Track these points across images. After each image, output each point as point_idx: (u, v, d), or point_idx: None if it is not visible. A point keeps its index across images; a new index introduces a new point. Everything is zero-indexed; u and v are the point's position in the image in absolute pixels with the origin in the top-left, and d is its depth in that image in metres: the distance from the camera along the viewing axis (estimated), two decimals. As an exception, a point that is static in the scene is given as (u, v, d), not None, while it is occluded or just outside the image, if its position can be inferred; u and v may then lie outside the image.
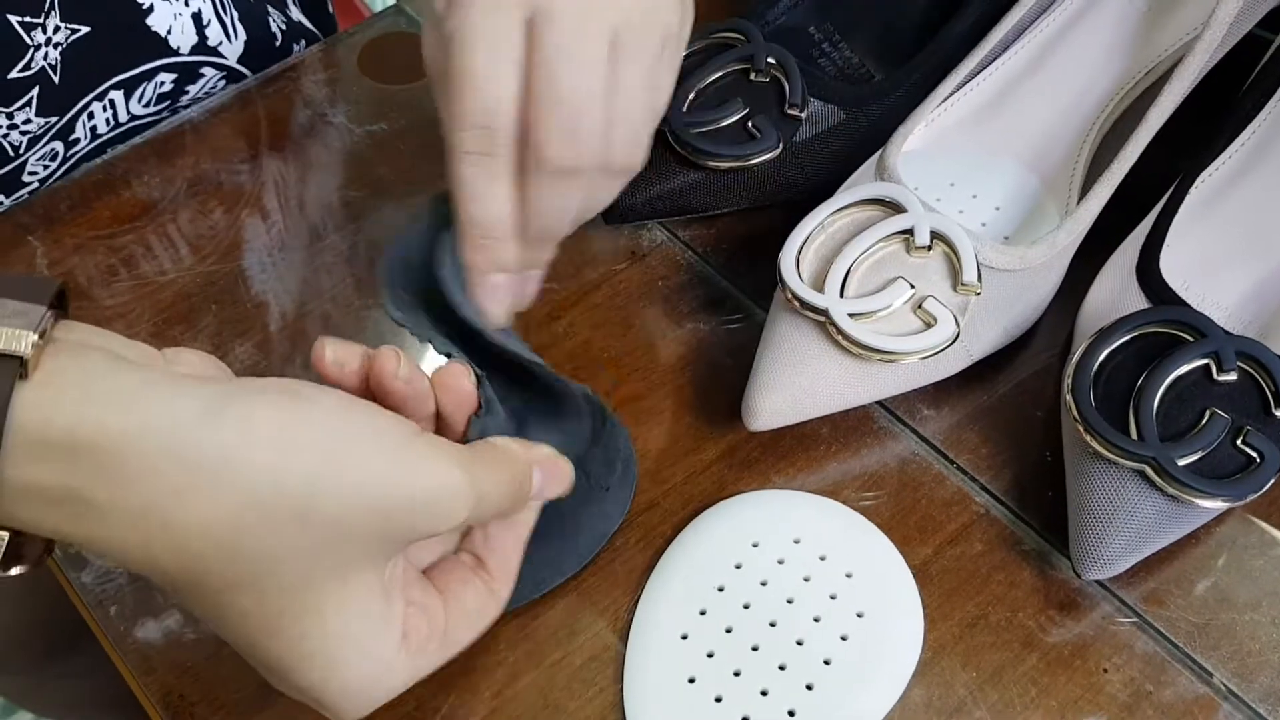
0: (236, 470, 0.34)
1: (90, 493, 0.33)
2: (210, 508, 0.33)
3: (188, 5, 0.63)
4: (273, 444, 0.34)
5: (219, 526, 0.34)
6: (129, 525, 0.33)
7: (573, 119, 0.40)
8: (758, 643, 0.45)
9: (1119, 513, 0.45)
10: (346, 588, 0.36)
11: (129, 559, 0.34)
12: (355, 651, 0.37)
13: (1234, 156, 0.54)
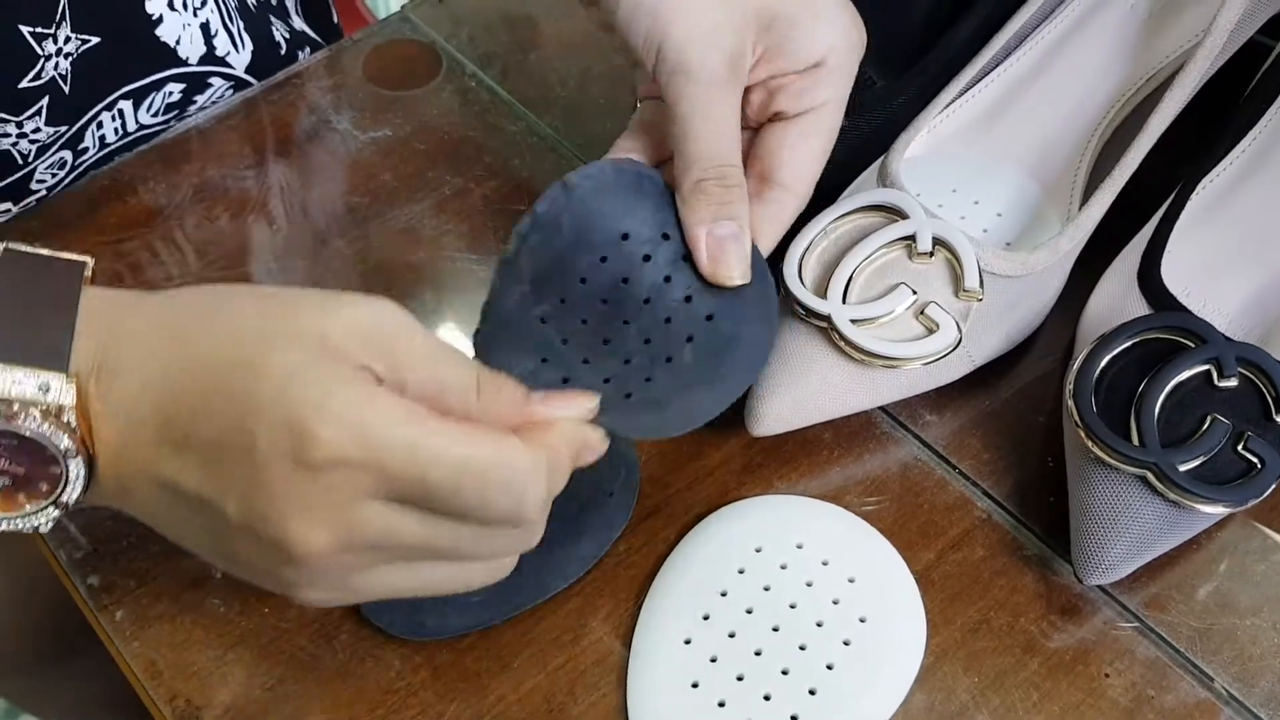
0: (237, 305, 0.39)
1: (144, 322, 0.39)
2: (219, 322, 0.38)
3: (196, 16, 0.63)
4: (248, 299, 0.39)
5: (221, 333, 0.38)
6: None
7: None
8: (761, 647, 0.45)
9: (1120, 518, 0.45)
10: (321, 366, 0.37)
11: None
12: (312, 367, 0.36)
13: (1235, 163, 0.55)
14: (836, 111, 0.47)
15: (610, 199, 0.45)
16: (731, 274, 0.45)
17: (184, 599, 0.48)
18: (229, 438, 0.37)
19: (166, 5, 0.62)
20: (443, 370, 0.38)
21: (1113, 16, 0.59)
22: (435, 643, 0.47)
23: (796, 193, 0.47)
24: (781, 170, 0.46)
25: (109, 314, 0.39)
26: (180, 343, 0.38)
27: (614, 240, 0.45)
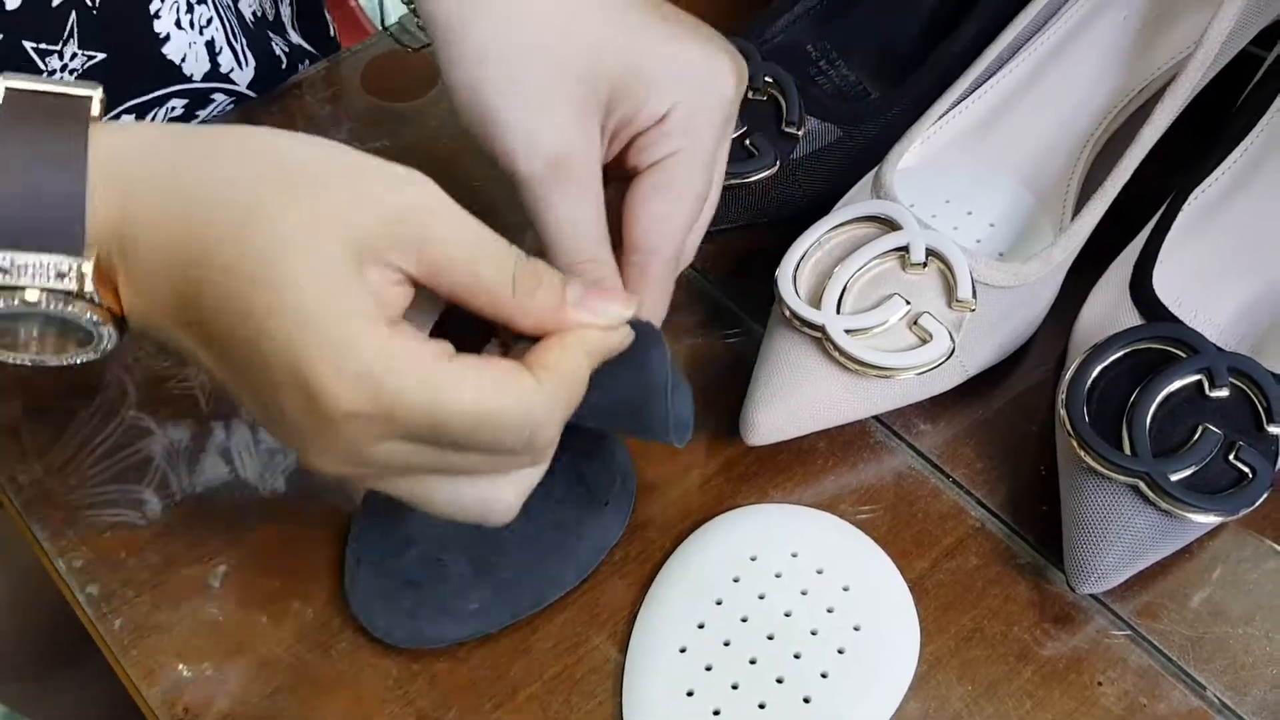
0: (247, 147, 0.38)
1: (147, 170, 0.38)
2: (223, 168, 0.37)
3: (202, 34, 0.64)
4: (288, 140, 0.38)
5: (222, 176, 0.37)
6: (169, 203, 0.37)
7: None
8: (756, 656, 0.46)
9: (1113, 527, 0.46)
10: (316, 259, 0.36)
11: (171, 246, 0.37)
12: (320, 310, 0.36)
13: (1227, 173, 0.55)
14: (689, 163, 0.45)
15: None
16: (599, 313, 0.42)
17: (182, 608, 0.48)
18: (245, 357, 0.37)
19: (174, 24, 0.62)
20: (479, 266, 0.38)
21: (1105, 28, 0.60)
22: (432, 652, 0.47)
23: (652, 249, 0.45)
24: (632, 230, 0.45)
25: (122, 172, 0.37)
26: (194, 229, 0.37)
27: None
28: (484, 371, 0.38)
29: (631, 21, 0.44)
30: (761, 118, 0.57)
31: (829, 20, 0.63)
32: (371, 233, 0.37)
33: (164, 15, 0.61)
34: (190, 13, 0.63)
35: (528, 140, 0.43)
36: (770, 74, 0.57)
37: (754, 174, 0.55)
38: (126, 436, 0.53)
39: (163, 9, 0.61)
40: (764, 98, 0.57)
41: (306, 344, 0.36)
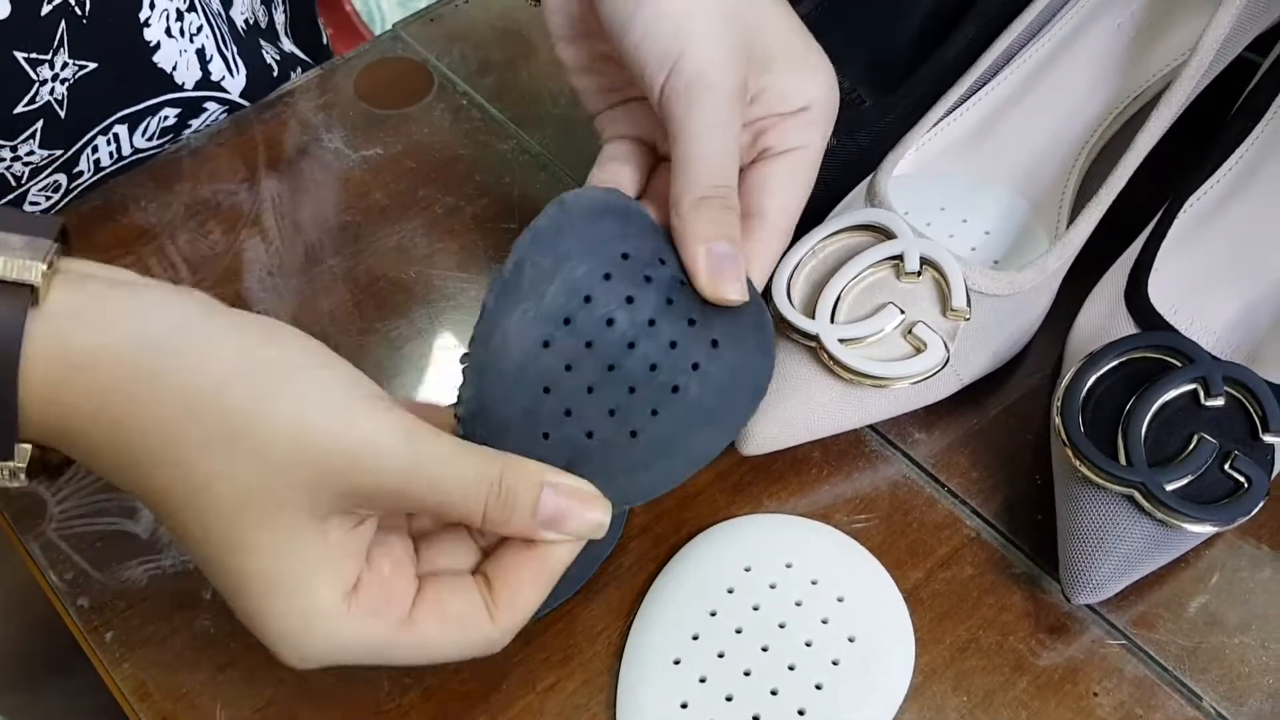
0: (183, 379, 0.37)
1: (81, 406, 0.37)
2: (153, 412, 0.36)
3: (192, 42, 0.64)
4: (225, 362, 0.37)
5: (155, 433, 0.37)
6: (104, 438, 0.37)
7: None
8: (750, 667, 0.45)
9: (1108, 537, 0.45)
10: (279, 526, 0.37)
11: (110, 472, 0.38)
12: (287, 593, 0.38)
13: (1222, 180, 0.55)
14: (818, 156, 0.47)
15: (608, 219, 0.44)
16: (730, 292, 0.44)
17: (174, 620, 0.48)
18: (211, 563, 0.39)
19: (164, 32, 0.62)
20: (447, 509, 0.39)
21: (1100, 35, 0.59)
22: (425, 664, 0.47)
23: (781, 229, 0.47)
24: (770, 207, 0.46)
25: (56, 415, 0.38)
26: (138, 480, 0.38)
27: (617, 258, 0.43)
28: (444, 623, 0.40)
29: (781, 11, 0.47)
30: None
31: (823, 27, 0.63)
32: (331, 500, 0.38)
33: (154, 24, 0.61)
34: (180, 21, 0.63)
35: (728, 59, 0.44)
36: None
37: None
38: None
39: (152, 17, 0.61)
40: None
41: (267, 629, 0.39)
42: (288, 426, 0.37)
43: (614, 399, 0.42)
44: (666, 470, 0.43)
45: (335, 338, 0.57)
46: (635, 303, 0.43)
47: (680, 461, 0.43)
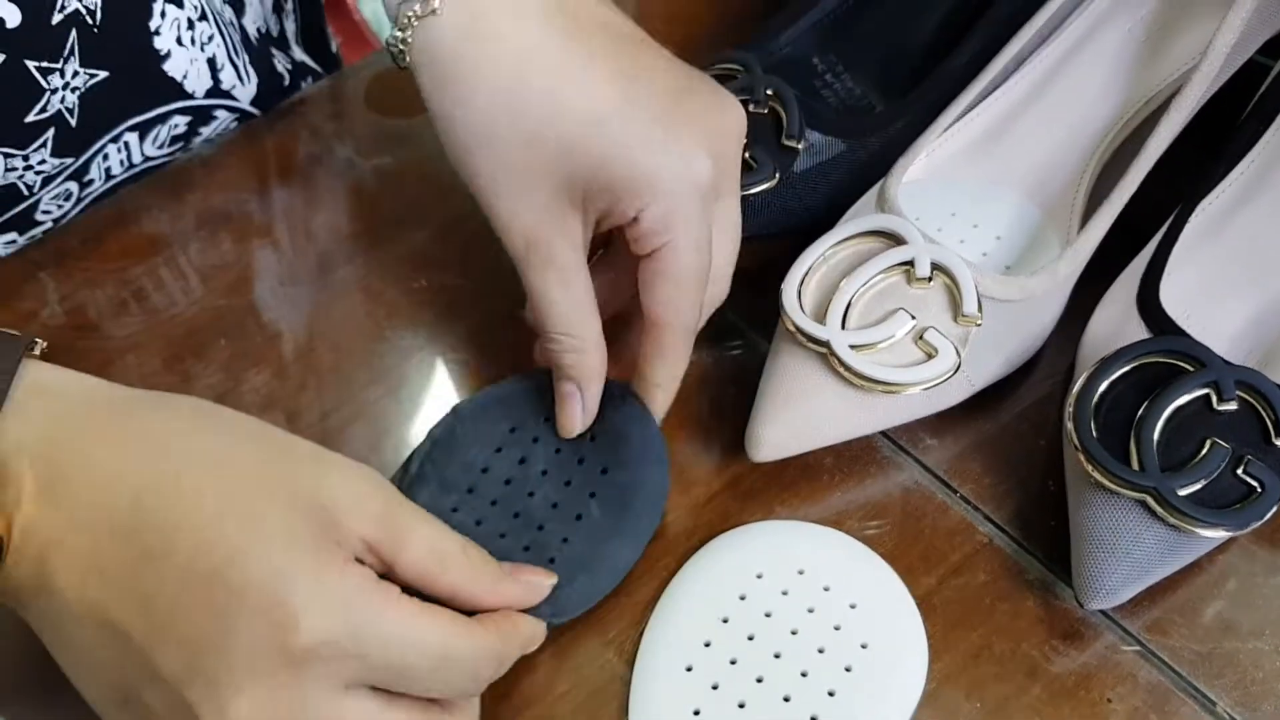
0: (92, 483, 0.40)
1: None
2: (59, 519, 0.39)
3: (203, 51, 0.64)
4: (143, 454, 0.40)
5: (71, 538, 0.39)
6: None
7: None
8: (762, 674, 0.45)
9: (1121, 543, 0.45)
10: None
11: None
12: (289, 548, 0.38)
13: (1234, 184, 0.55)
14: (677, 251, 0.47)
15: (494, 408, 0.51)
16: (566, 427, 0.49)
17: (187, 628, 0.48)
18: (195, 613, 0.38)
19: (175, 41, 0.62)
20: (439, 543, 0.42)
21: (1110, 40, 0.59)
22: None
23: (667, 324, 0.48)
24: (645, 307, 0.48)
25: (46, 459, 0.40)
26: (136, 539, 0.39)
27: (504, 433, 0.51)
28: (447, 614, 0.41)
29: (609, 118, 0.46)
30: (762, 131, 0.56)
31: (835, 33, 0.63)
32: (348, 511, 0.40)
33: (164, 32, 0.61)
34: (191, 30, 0.63)
35: (508, 222, 0.47)
36: (771, 86, 0.57)
37: (753, 187, 0.55)
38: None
39: (163, 26, 0.61)
40: (764, 110, 0.57)
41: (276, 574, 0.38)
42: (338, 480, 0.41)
43: (527, 537, 0.48)
44: (589, 583, 0.48)
45: (345, 346, 0.57)
46: (526, 461, 0.50)
47: (599, 574, 0.48)
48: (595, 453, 0.50)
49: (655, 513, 0.50)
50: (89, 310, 0.58)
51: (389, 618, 0.39)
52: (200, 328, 0.58)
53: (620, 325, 0.52)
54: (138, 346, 0.57)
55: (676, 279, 0.47)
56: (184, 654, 0.38)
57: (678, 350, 0.49)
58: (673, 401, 0.51)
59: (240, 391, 0.55)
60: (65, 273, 0.60)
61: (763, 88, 0.57)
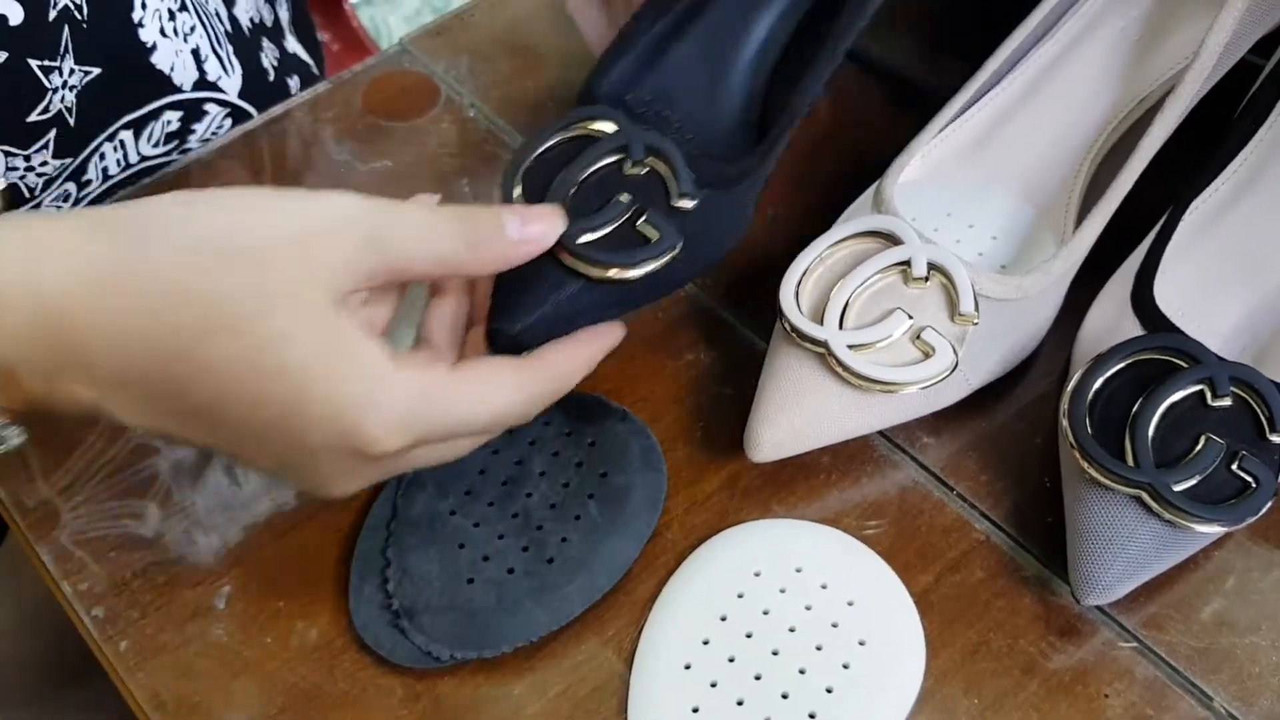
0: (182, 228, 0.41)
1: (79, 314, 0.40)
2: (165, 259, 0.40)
3: (186, 41, 0.64)
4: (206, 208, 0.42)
5: (170, 278, 0.40)
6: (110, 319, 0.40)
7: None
8: (761, 671, 0.45)
9: (1117, 539, 0.46)
10: (301, 309, 0.40)
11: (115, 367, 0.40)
12: (345, 361, 0.40)
13: (1227, 183, 0.55)
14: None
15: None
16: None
17: (187, 630, 0.48)
18: (259, 432, 0.41)
19: (159, 32, 0.62)
20: (440, 253, 0.44)
21: (1103, 39, 0.60)
22: (437, 671, 0.47)
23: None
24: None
25: (47, 284, 0.40)
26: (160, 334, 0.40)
27: (502, 435, 0.51)
28: (491, 372, 0.44)
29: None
30: (647, 193, 0.50)
31: (651, 67, 0.57)
32: (342, 278, 0.41)
33: (148, 24, 0.62)
34: (173, 20, 0.63)
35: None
36: (649, 142, 0.51)
37: (662, 258, 0.49)
38: (132, 455, 0.53)
39: (145, 17, 0.61)
40: (643, 171, 0.51)
41: (342, 407, 0.40)
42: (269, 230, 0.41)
43: (525, 537, 0.49)
44: (588, 582, 0.48)
45: (345, 348, 0.57)
46: (524, 463, 0.51)
47: (598, 572, 0.48)
48: (594, 457, 0.51)
49: (653, 512, 0.50)
50: (88, 314, 0.58)
51: (442, 409, 0.42)
52: (199, 331, 0.58)
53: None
54: (137, 350, 0.57)
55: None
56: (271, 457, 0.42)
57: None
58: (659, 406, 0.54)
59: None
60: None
61: (640, 145, 0.51)
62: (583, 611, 0.48)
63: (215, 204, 0.42)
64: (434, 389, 0.42)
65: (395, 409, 0.41)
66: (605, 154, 0.50)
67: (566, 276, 0.48)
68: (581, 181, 0.50)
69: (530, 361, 0.46)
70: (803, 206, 0.61)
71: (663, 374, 0.55)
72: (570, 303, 0.48)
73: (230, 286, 0.40)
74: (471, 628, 0.47)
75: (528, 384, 0.45)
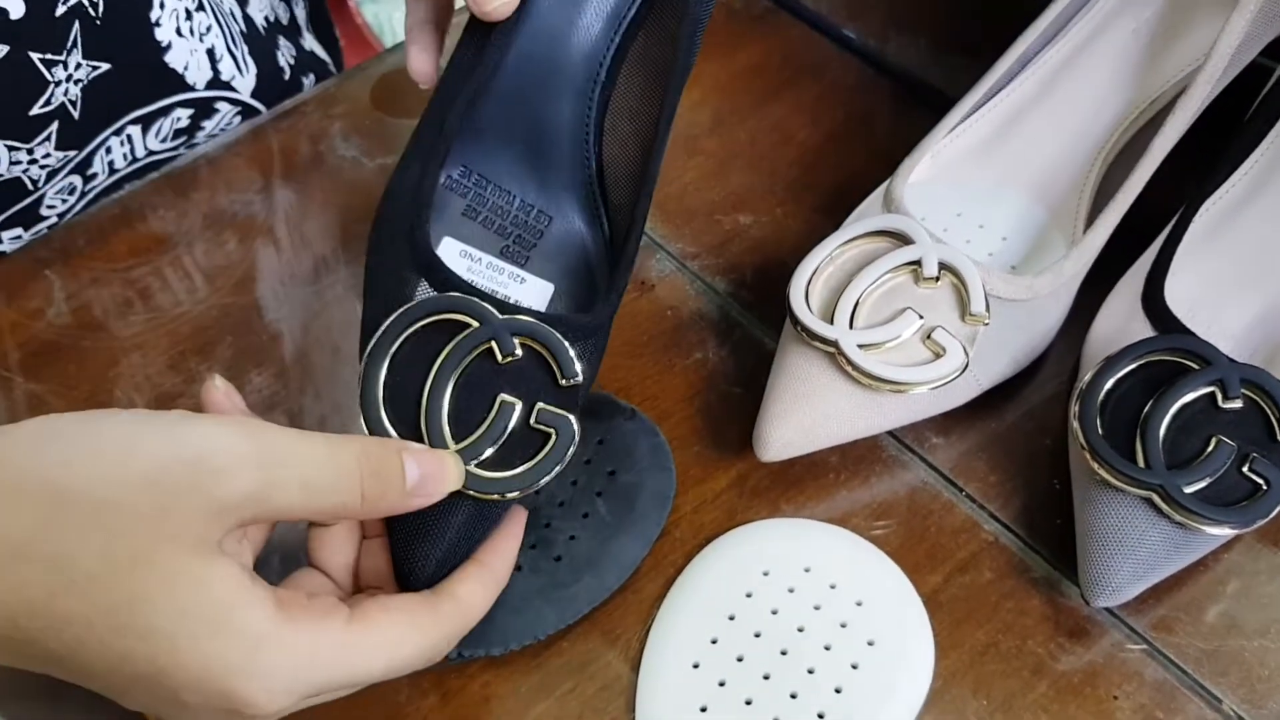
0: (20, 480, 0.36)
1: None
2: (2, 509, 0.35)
3: (202, 41, 0.64)
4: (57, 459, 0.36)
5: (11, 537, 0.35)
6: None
7: None
8: (769, 671, 0.45)
9: (1127, 540, 0.45)
10: (161, 565, 0.36)
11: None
12: (215, 625, 0.36)
13: (1238, 184, 0.55)
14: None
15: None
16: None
17: (194, 625, 0.48)
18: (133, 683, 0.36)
19: (174, 32, 0.62)
20: (322, 505, 0.40)
21: (1115, 41, 0.60)
22: (444, 668, 0.47)
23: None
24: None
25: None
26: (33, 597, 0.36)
27: None
28: (392, 625, 0.40)
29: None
30: (528, 382, 0.45)
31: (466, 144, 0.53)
32: (212, 530, 0.37)
33: (164, 24, 0.62)
34: (189, 20, 0.63)
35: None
36: (518, 330, 0.45)
37: (558, 464, 0.44)
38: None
39: (162, 17, 0.61)
40: (518, 355, 0.45)
41: (219, 675, 0.36)
42: (124, 469, 0.36)
43: (533, 535, 0.48)
44: (595, 581, 0.48)
45: (349, 347, 0.57)
46: None
47: (606, 571, 0.48)
48: (602, 456, 0.51)
49: (661, 511, 0.50)
50: (94, 309, 0.58)
51: (332, 669, 0.38)
52: (205, 327, 0.58)
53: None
54: (142, 345, 0.57)
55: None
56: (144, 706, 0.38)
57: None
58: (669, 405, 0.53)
59: (244, 391, 0.55)
60: (71, 271, 0.60)
61: (508, 335, 0.45)
62: (591, 610, 0.48)
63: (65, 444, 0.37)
64: (326, 651, 0.38)
65: (280, 675, 0.37)
66: (469, 352, 0.45)
67: (472, 510, 0.44)
68: (455, 386, 0.44)
69: (438, 603, 0.42)
70: (812, 206, 0.61)
71: (672, 372, 0.55)
72: (475, 529, 0.45)
73: (71, 547, 0.35)
74: (478, 625, 0.47)
75: (438, 627, 0.42)
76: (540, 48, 0.53)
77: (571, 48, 0.53)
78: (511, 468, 0.44)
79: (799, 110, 0.65)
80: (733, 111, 0.65)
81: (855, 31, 0.68)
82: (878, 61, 0.67)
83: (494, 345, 0.45)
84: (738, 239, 0.60)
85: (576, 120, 0.53)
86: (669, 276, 0.59)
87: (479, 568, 0.44)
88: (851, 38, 0.68)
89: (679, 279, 0.59)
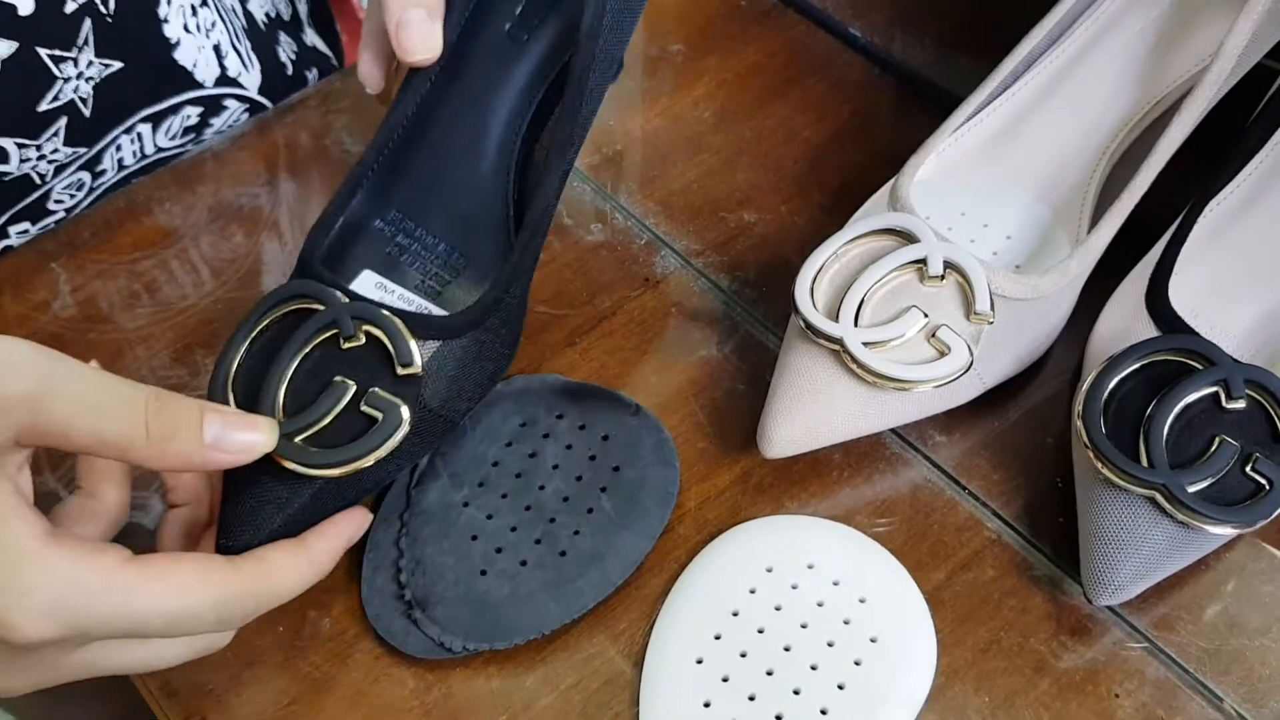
0: None
1: None
2: None
3: (208, 38, 0.64)
4: None
5: None
6: None
7: None
8: (772, 667, 0.46)
9: (1129, 539, 0.46)
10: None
11: None
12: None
13: (1242, 185, 0.55)
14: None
15: (506, 404, 0.53)
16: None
17: (200, 618, 0.48)
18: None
19: (182, 29, 0.62)
20: (100, 424, 0.38)
21: (1121, 41, 0.60)
22: (449, 662, 0.47)
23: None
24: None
25: None
26: None
27: (515, 428, 0.52)
28: (178, 571, 0.39)
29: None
30: (368, 369, 0.46)
31: (389, 184, 0.54)
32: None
33: (172, 20, 0.62)
34: (194, 16, 0.63)
35: None
36: (358, 314, 0.46)
37: (382, 447, 0.45)
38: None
39: (169, 13, 0.62)
40: (361, 341, 0.46)
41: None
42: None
43: (537, 530, 0.49)
44: (600, 576, 0.48)
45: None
46: (537, 456, 0.51)
47: (611, 566, 0.48)
48: (607, 451, 0.51)
49: (666, 507, 0.50)
50: (100, 301, 0.58)
51: (104, 600, 0.37)
52: (210, 320, 0.58)
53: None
54: (149, 338, 0.57)
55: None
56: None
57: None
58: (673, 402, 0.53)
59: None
60: (77, 264, 0.60)
61: (348, 318, 0.46)
62: (595, 605, 0.48)
63: None
64: (94, 578, 0.37)
65: (40, 596, 0.36)
66: (314, 334, 0.46)
67: (295, 484, 0.44)
68: (296, 368, 0.46)
69: (239, 563, 0.40)
70: (817, 204, 0.61)
71: (676, 369, 0.55)
72: (304, 512, 0.45)
73: None
74: (484, 619, 0.47)
75: (224, 587, 0.39)
76: (464, 103, 0.55)
77: (496, 105, 0.55)
78: (336, 447, 0.45)
79: (804, 108, 0.65)
80: (738, 108, 0.66)
81: (861, 29, 0.68)
82: (883, 59, 0.67)
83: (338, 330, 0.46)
84: (742, 236, 0.60)
85: (499, 171, 0.55)
86: (673, 273, 0.59)
87: (295, 543, 0.43)
88: (857, 35, 0.68)
89: (684, 276, 0.59)
